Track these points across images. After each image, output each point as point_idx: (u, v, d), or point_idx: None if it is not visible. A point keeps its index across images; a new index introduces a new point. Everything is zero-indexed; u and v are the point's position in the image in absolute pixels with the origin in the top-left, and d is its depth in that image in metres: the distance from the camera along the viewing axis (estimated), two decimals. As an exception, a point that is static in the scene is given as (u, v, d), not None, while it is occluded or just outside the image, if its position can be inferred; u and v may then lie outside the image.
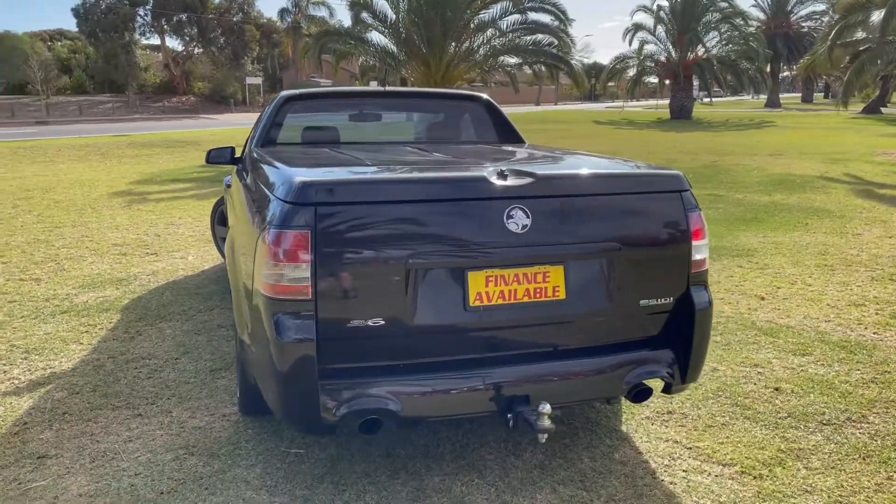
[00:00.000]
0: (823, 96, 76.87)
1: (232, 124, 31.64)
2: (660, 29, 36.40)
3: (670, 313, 2.82)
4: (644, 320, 2.81)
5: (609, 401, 3.33)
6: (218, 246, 6.18)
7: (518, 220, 2.51)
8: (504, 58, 20.35)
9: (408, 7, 18.89)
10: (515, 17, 19.55)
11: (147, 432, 3.25)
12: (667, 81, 38.27)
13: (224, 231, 5.23)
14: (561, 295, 2.61)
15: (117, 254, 6.82)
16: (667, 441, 3.16)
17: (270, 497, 2.74)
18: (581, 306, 2.66)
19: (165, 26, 52.57)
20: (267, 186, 2.77)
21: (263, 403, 2.75)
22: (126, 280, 5.86)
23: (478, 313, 2.53)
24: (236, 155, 4.65)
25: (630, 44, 37.53)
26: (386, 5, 19.13)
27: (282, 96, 4.47)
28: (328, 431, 2.61)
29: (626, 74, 39.47)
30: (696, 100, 44.03)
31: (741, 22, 35.17)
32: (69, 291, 5.52)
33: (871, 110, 39.99)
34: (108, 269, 6.21)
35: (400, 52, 19.97)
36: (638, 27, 36.91)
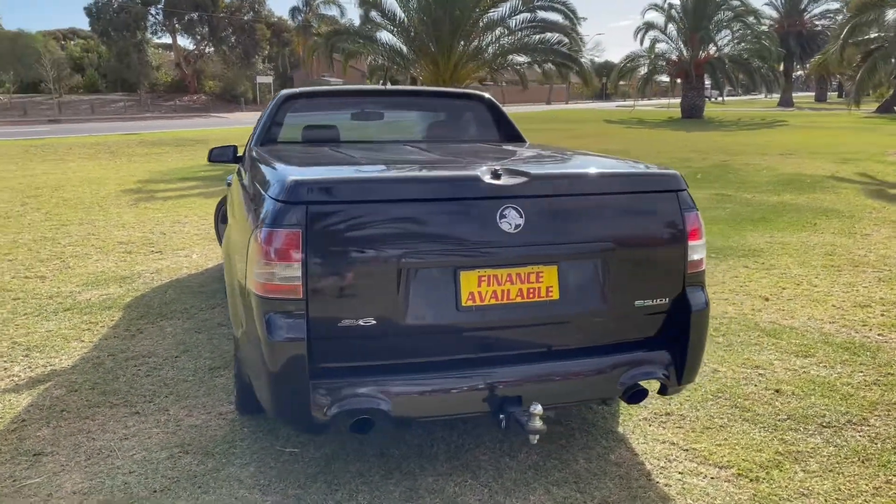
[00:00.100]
0: (837, 95, 76.21)
1: (242, 123, 31.71)
2: (671, 27, 36.31)
3: (666, 314, 2.79)
4: (639, 321, 2.78)
5: (604, 402, 3.30)
6: (221, 244, 6.19)
7: (511, 220, 2.49)
8: (513, 56, 20.27)
9: (417, 5, 18.87)
10: (525, 16, 19.47)
11: (143, 430, 3.26)
12: (678, 80, 38.05)
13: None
14: (554, 295, 2.59)
15: (122, 252, 6.85)
16: (663, 443, 3.14)
17: (263, 496, 2.73)
18: (575, 307, 2.64)
19: (177, 25, 52.89)
20: (261, 185, 2.76)
21: (259, 402, 2.75)
22: (130, 278, 5.88)
23: (470, 313, 2.51)
24: (239, 154, 4.66)
25: (641, 43, 37.42)
26: (395, 4, 19.13)
27: (281, 95, 4.46)
28: (320, 430, 2.61)
29: (638, 73, 39.26)
30: (709, 98, 43.80)
31: (753, 20, 34.98)
32: (73, 289, 5.55)
33: (885, 109, 39.59)
34: (113, 267, 6.24)
35: (409, 51, 19.96)
36: (649, 26, 36.76)
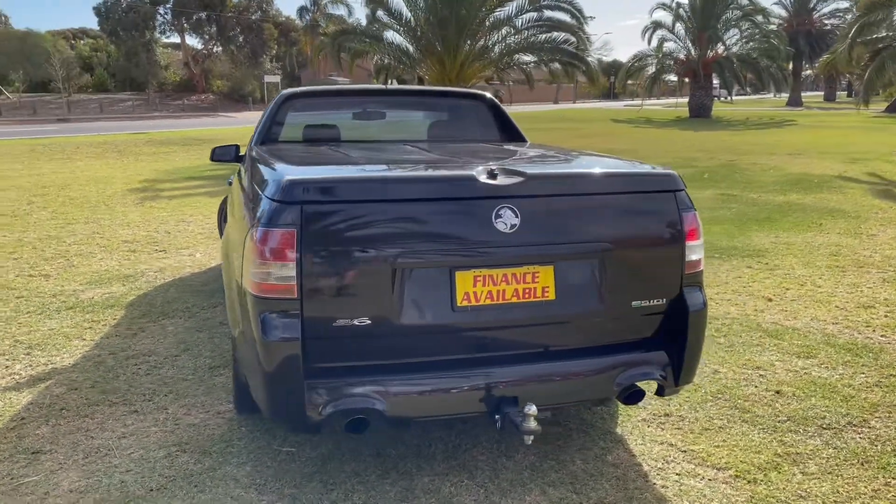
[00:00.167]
0: (847, 95, 75.79)
1: (250, 122, 31.69)
2: (679, 26, 36.23)
3: (664, 315, 2.78)
4: (636, 321, 2.77)
5: (601, 402, 3.29)
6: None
7: (507, 220, 2.48)
8: (519, 56, 20.26)
9: (423, 4, 18.87)
10: (531, 15, 19.48)
11: (142, 429, 3.27)
12: (686, 80, 37.91)
13: None
14: (550, 295, 2.58)
15: (127, 250, 6.87)
16: (661, 444, 3.12)
17: (258, 495, 2.73)
18: (571, 307, 2.63)
19: (185, 25, 53.10)
20: (258, 185, 2.76)
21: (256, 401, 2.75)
22: (133, 276, 5.90)
23: (465, 313, 2.51)
24: (241, 153, 4.66)
25: (649, 42, 37.38)
26: (401, 3, 19.15)
27: (282, 94, 4.47)
28: (314, 430, 2.61)
29: (646, 72, 39.12)
30: (717, 98, 43.57)
31: (762, 19, 34.86)
32: (76, 288, 5.57)
33: (895, 109, 39.33)
34: (117, 266, 6.26)
35: (415, 51, 19.97)
36: (657, 25, 36.69)
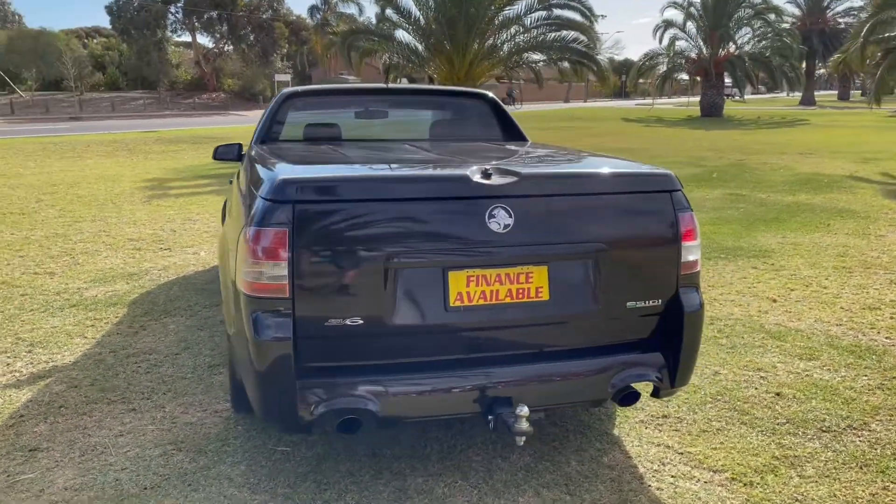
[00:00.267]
0: (861, 94, 75.11)
1: (259, 121, 31.86)
2: (691, 25, 36.01)
3: (659, 316, 2.76)
4: (632, 322, 2.75)
5: (596, 404, 3.27)
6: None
7: (500, 220, 2.47)
8: (528, 55, 20.19)
9: (432, 3, 18.85)
10: (540, 14, 19.38)
11: (139, 427, 3.28)
12: (697, 78, 37.70)
13: None
14: (544, 296, 2.57)
15: (132, 249, 6.90)
16: (658, 445, 3.10)
17: (252, 495, 2.74)
18: (565, 308, 2.61)
19: (196, 23, 53.23)
20: (253, 183, 2.76)
21: None
22: (137, 275, 5.93)
23: (458, 314, 2.50)
24: (243, 152, 4.67)
25: (661, 40, 37.11)
26: (411, 2, 19.13)
27: (283, 93, 4.48)
28: (306, 430, 2.60)
29: (657, 71, 38.92)
30: (730, 97, 43.32)
31: (775, 18, 34.62)
32: (80, 286, 5.60)
33: (909, 108, 39.04)
34: (121, 264, 6.29)
35: (424, 50, 19.95)
36: (668, 23, 36.48)
